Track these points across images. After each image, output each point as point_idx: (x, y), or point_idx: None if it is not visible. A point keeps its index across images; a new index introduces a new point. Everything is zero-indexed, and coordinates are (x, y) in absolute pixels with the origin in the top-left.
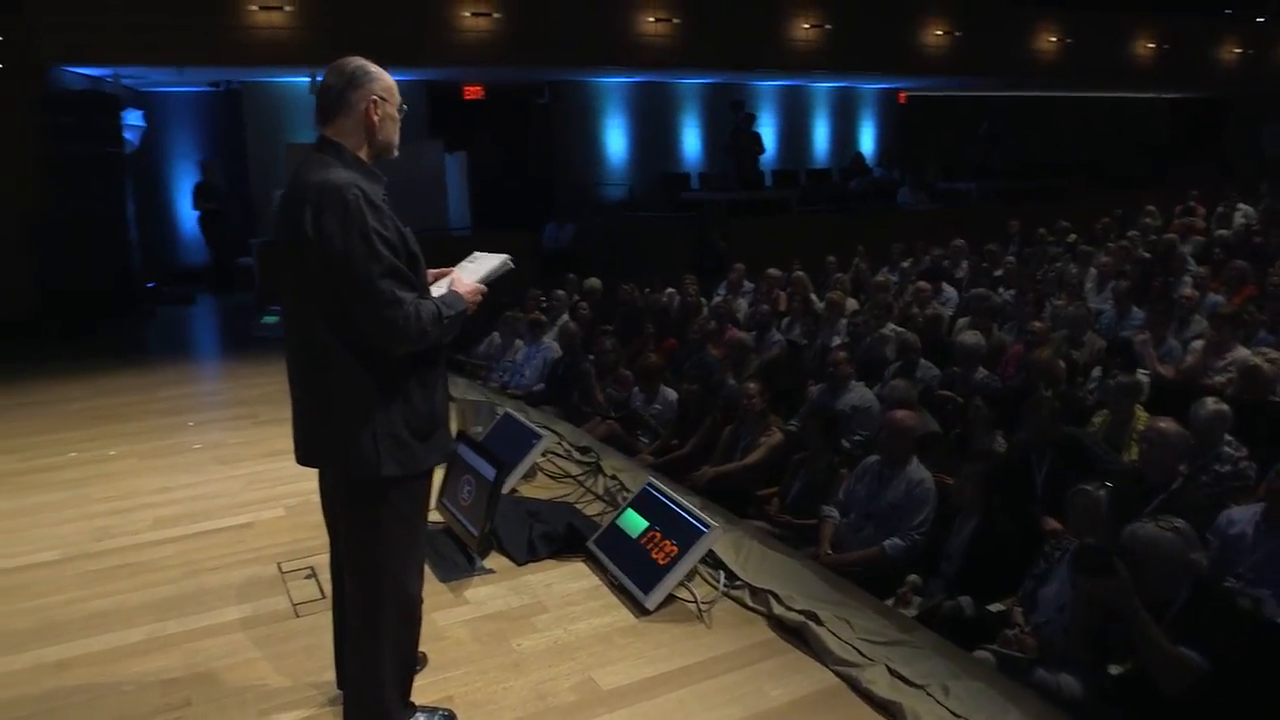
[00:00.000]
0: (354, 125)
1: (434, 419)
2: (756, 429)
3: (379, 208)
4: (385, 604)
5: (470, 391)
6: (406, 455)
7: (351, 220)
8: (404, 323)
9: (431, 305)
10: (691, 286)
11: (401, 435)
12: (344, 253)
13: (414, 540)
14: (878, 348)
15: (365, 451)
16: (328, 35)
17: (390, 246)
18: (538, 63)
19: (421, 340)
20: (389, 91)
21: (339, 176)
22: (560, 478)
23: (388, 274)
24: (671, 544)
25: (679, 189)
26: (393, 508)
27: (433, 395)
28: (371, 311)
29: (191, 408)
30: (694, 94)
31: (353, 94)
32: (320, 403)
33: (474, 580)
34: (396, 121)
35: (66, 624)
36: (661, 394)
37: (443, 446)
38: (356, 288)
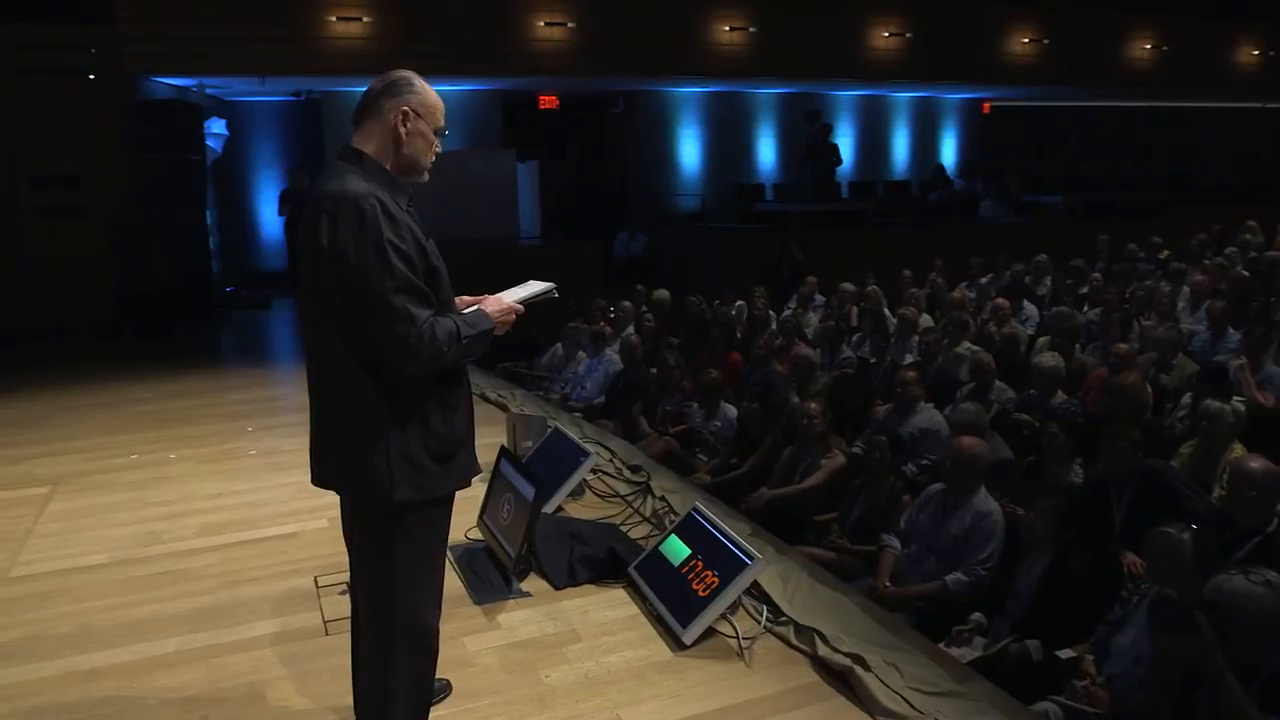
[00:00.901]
0: (381, 133)
1: (454, 441)
2: (817, 451)
3: (396, 219)
4: (398, 635)
5: (527, 404)
6: (423, 479)
7: (366, 231)
8: (417, 341)
9: (450, 323)
10: (760, 300)
11: (418, 458)
12: (357, 265)
13: (431, 569)
14: (951, 368)
15: (378, 474)
16: (403, 45)
17: (406, 260)
18: (611, 72)
19: (437, 360)
20: (427, 109)
21: (356, 186)
22: (608, 497)
23: (402, 289)
24: (713, 575)
25: (753, 200)
26: (408, 534)
27: (453, 416)
28: (384, 328)
29: (254, 412)
30: (769, 104)
31: (387, 100)
32: (333, 422)
33: (509, 604)
34: (430, 143)
35: (102, 631)
36: (722, 411)
37: (464, 470)
38: (369, 303)
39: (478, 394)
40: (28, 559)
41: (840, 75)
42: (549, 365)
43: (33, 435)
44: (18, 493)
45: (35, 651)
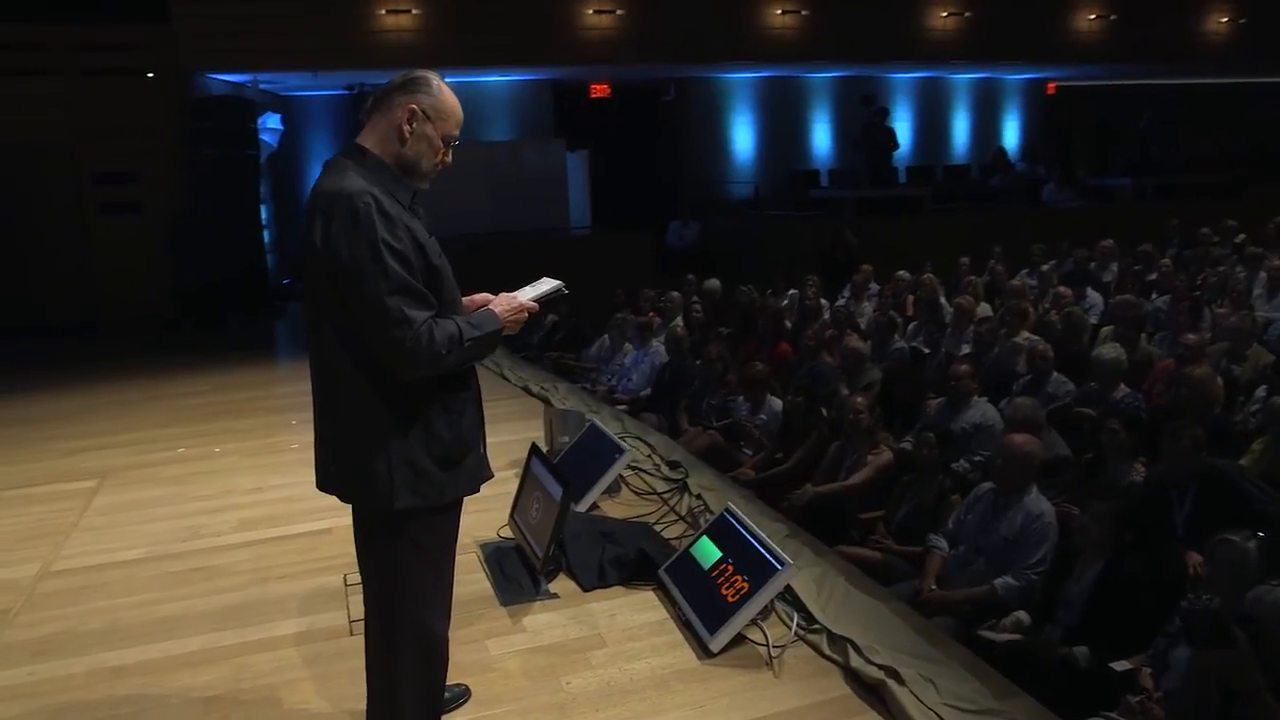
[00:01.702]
0: (386, 128)
1: (461, 445)
2: (864, 446)
3: (391, 217)
4: (404, 643)
5: (570, 397)
6: (426, 486)
7: (360, 231)
8: (413, 344)
9: (452, 325)
10: (811, 289)
11: (420, 463)
12: (350, 266)
13: (437, 576)
14: (1007, 359)
15: (379, 481)
16: (453, 37)
17: (402, 260)
18: (662, 59)
19: (435, 364)
20: (437, 113)
21: (352, 183)
22: (645, 494)
23: (397, 290)
24: (743, 579)
25: (807, 186)
26: (412, 542)
27: (459, 420)
28: (378, 331)
29: (299, 406)
30: (824, 88)
31: (399, 95)
32: (334, 426)
33: (535, 606)
34: (435, 148)
35: (132, 628)
36: (768, 404)
37: (473, 475)
38: (363, 305)
39: (521, 386)
40: (70, 553)
41: (897, 57)
42: (596, 357)
43: (86, 428)
44: (67, 485)
45: (66, 647)
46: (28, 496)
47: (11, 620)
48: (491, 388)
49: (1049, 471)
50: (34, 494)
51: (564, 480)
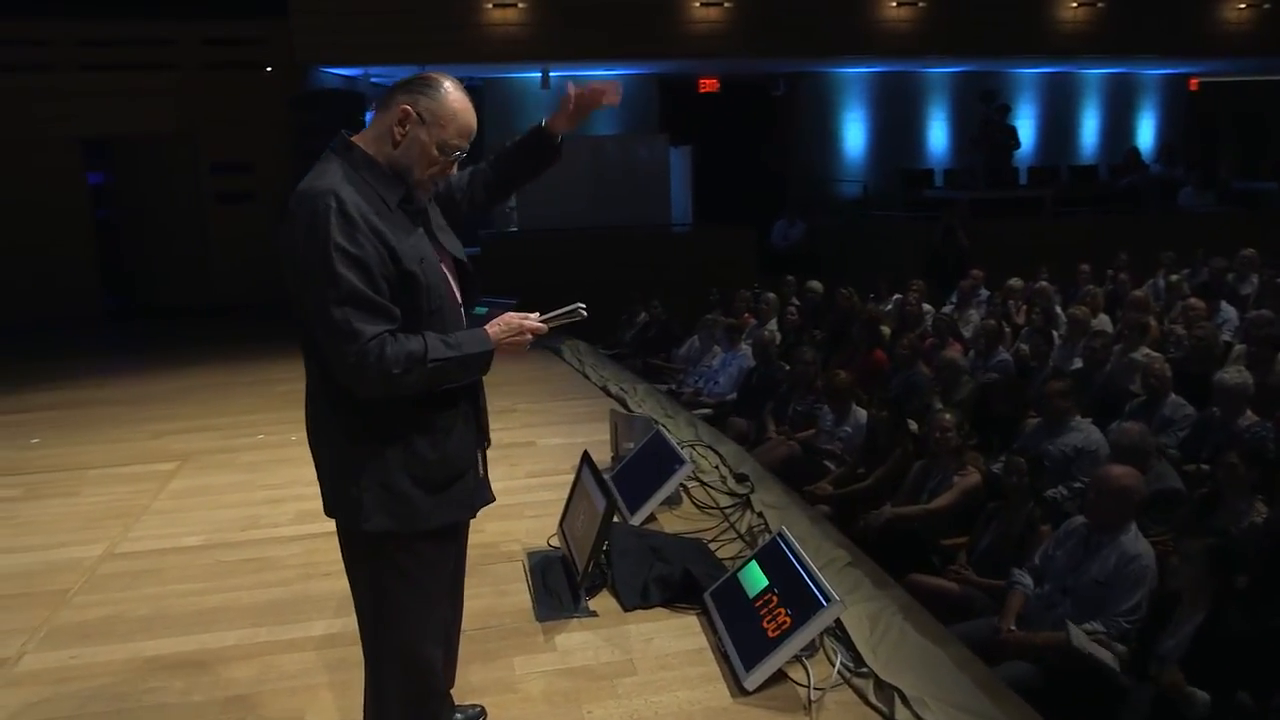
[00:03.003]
0: (381, 126)
1: (447, 468)
2: (950, 467)
3: (353, 220)
4: (389, 669)
5: (647, 400)
6: (404, 510)
7: (315, 234)
8: (357, 360)
9: (415, 343)
10: (915, 293)
11: (398, 486)
12: (305, 271)
13: (423, 604)
14: (1122, 377)
15: (349, 501)
16: (560, 31)
17: (357, 267)
18: (772, 53)
19: (389, 385)
20: (435, 118)
21: (322, 182)
22: (707, 508)
23: (346, 301)
24: (786, 613)
25: (920, 186)
26: (395, 567)
27: (444, 440)
28: (326, 343)
29: None
30: (941, 84)
31: (400, 94)
32: (315, 442)
33: (571, 623)
34: (428, 156)
35: (176, 617)
36: (852, 415)
37: (464, 501)
38: (314, 313)
39: (601, 386)
40: (136, 535)
41: (1022, 51)
42: (685, 358)
43: (179, 410)
44: (149, 467)
45: (111, 633)
46: (112, 476)
47: (68, 600)
48: (570, 386)
49: (1157, 506)
50: (118, 474)
51: (608, 493)
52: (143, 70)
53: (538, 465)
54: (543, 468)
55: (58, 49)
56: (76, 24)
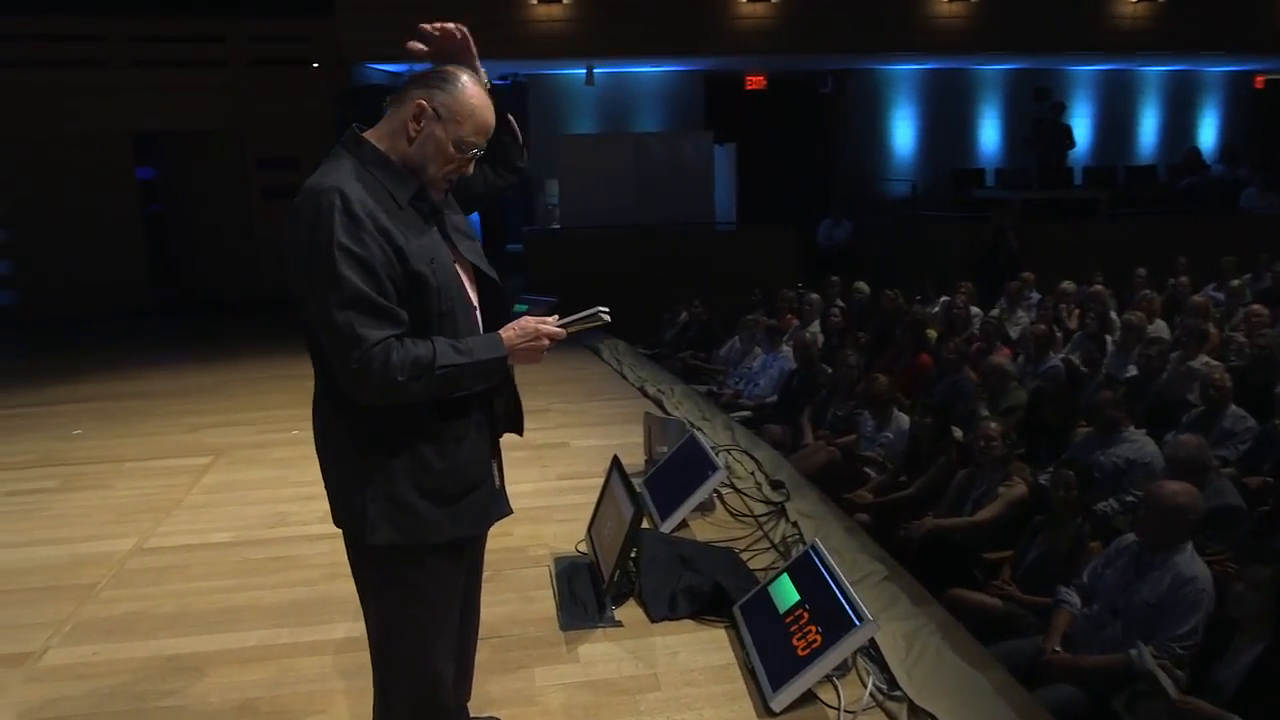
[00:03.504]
0: (397, 122)
1: (459, 479)
2: (994, 477)
3: (358, 218)
4: (394, 682)
5: (685, 401)
6: (411, 522)
7: (318, 232)
8: (360, 366)
9: (423, 348)
10: (963, 296)
11: (405, 498)
12: (305, 272)
13: (435, 618)
14: (1179, 386)
15: (354, 511)
16: (605, 27)
17: (362, 268)
18: (819, 50)
19: (392, 392)
20: (450, 113)
21: (329, 179)
22: (740, 516)
23: (349, 303)
24: (816, 631)
25: (970, 186)
26: (402, 580)
27: (455, 450)
28: (329, 347)
29: None
30: (994, 81)
31: (414, 89)
32: (321, 449)
33: (595, 633)
34: (444, 154)
35: (199, 615)
36: (895, 421)
37: (477, 514)
38: (316, 316)
39: (638, 387)
40: (166, 530)
41: (1078, 48)
42: (726, 359)
43: (219, 404)
44: (184, 461)
45: (134, 629)
46: (146, 469)
47: (95, 595)
48: (607, 386)
49: (1215, 524)
50: (152, 467)
51: (636, 500)
52: (192, 66)
53: (570, 467)
54: (574, 470)
55: (110, 45)
56: (129, 20)
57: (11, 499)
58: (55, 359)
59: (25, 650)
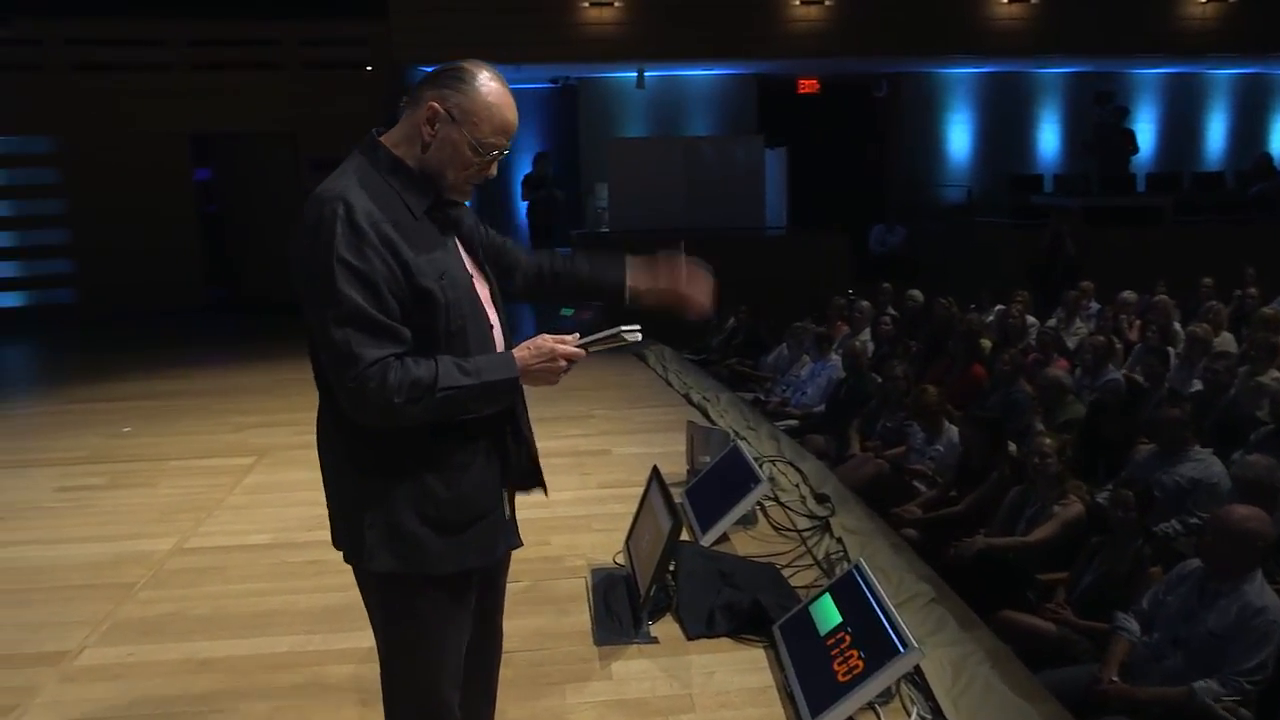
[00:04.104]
0: (409, 125)
1: (464, 508)
2: (1050, 495)
3: (362, 230)
4: (400, 705)
5: (729, 410)
6: (413, 552)
7: (318, 243)
8: (356, 386)
9: (425, 368)
10: (1019, 305)
11: (406, 525)
12: (305, 285)
13: (437, 648)
14: (1246, 402)
15: (353, 535)
16: (656, 30)
17: (362, 283)
18: (874, 53)
19: (389, 415)
20: (465, 114)
21: (336, 185)
22: (783, 530)
23: (347, 321)
24: (859, 656)
25: (1027, 192)
26: (406, 608)
27: (460, 478)
28: (327, 364)
29: None
30: (1054, 85)
31: (427, 90)
32: (321, 464)
33: (630, 649)
34: (462, 158)
35: (233, 618)
36: (946, 434)
37: (484, 546)
38: (317, 332)
39: (683, 394)
40: (206, 530)
41: (1143, 50)
42: (773, 366)
43: (265, 404)
44: (227, 461)
45: (169, 631)
46: (190, 468)
47: (134, 595)
48: (651, 393)
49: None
50: (197, 466)
51: (674, 512)
52: (248, 69)
53: (611, 475)
54: (615, 478)
55: (170, 49)
56: (187, 24)
57: (61, 495)
58: (111, 357)
59: (63, 649)
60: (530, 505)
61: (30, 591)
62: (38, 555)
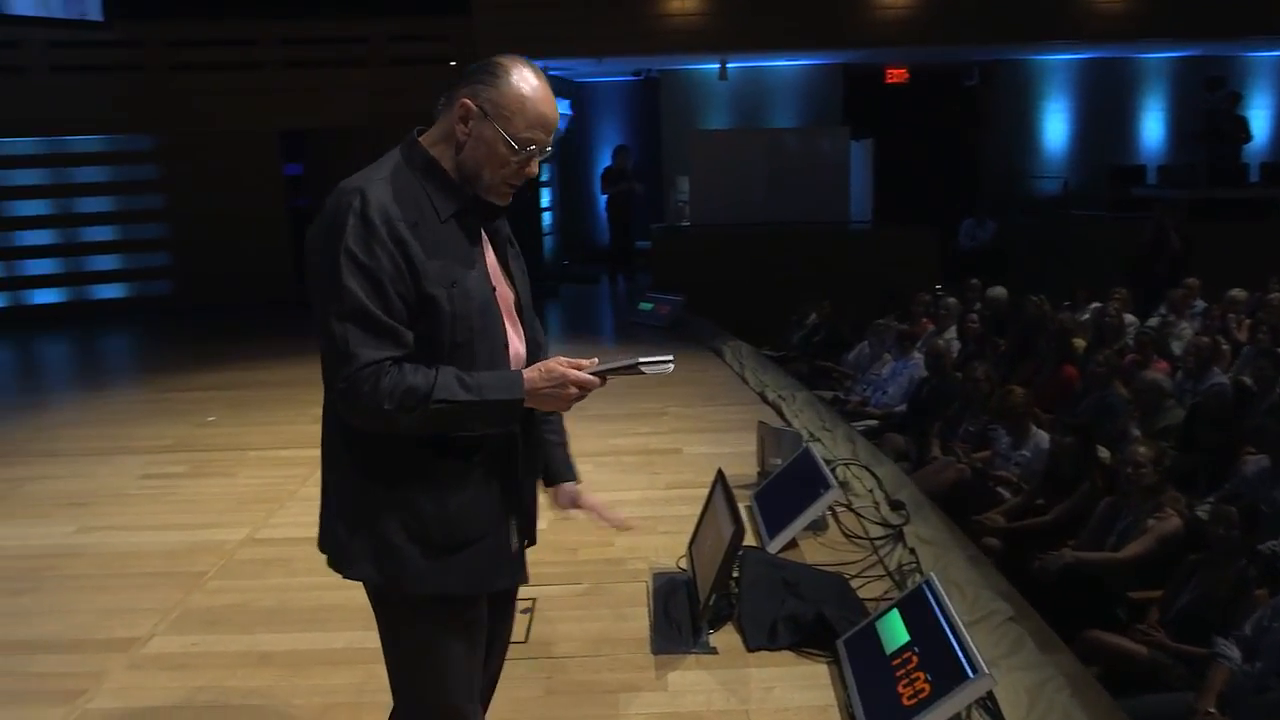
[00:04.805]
0: (444, 125)
1: (451, 529)
2: (1144, 508)
3: (374, 226)
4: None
5: (805, 409)
6: (398, 568)
7: (330, 235)
8: (347, 386)
9: (422, 377)
10: (1117, 303)
11: (391, 539)
12: (312, 276)
13: (439, 661)
14: None
15: (336, 539)
16: (741, 20)
17: (368, 281)
18: (965, 41)
19: (377, 420)
20: (498, 110)
21: (359, 179)
22: (855, 538)
23: (348, 316)
24: (925, 679)
25: (1129, 184)
26: (399, 621)
27: (448, 497)
28: (325, 358)
29: None
30: (1158, 71)
31: (461, 87)
32: (322, 469)
33: (688, 659)
34: (498, 156)
35: (295, 612)
36: (1033, 438)
37: (472, 574)
38: (319, 325)
39: (758, 392)
40: (277, 522)
41: (1258, 32)
42: (854, 364)
43: None
44: (304, 452)
45: (233, 622)
46: (268, 459)
47: (203, 584)
48: (726, 390)
49: None
50: (274, 457)
51: (736, 518)
52: (335, 66)
53: (679, 475)
54: (684, 479)
55: (261, 48)
56: (279, 24)
57: (144, 482)
58: (201, 347)
59: (133, 635)
60: None
61: (108, 577)
62: (119, 541)
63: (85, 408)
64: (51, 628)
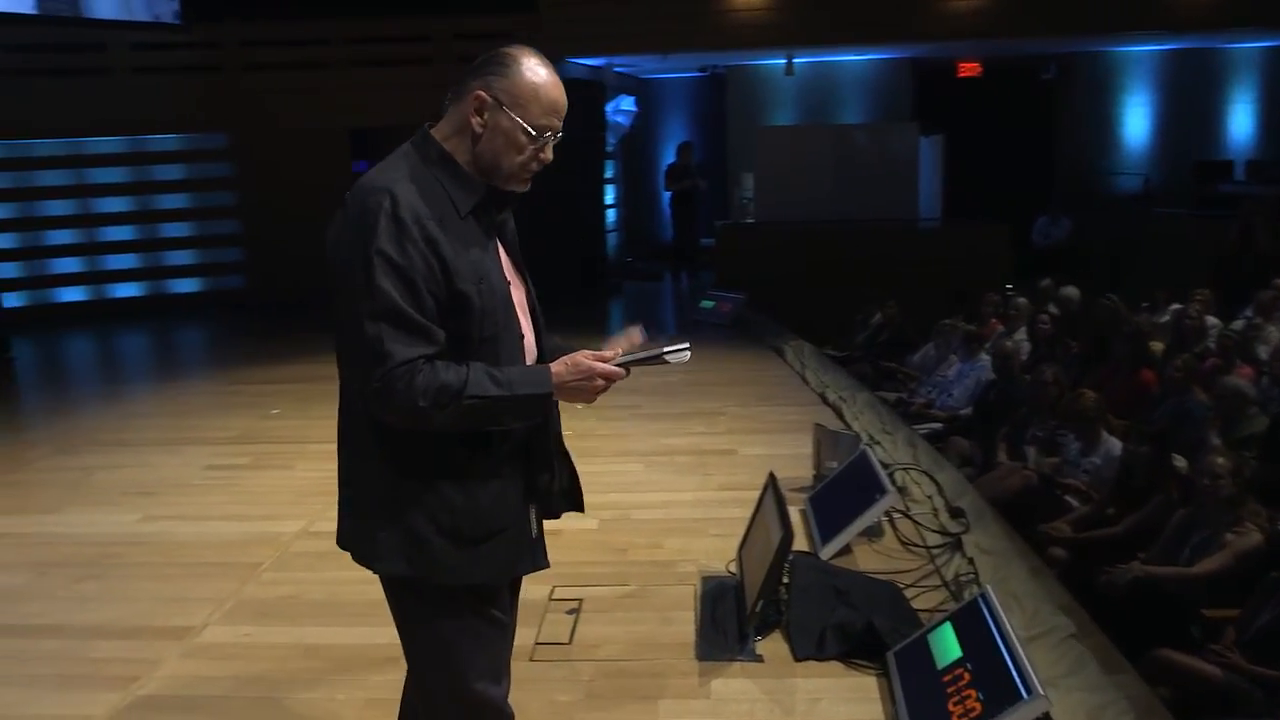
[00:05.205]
0: (457, 118)
1: (479, 521)
2: (1221, 521)
3: (405, 225)
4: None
5: (866, 411)
6: (424, 558)
7: (361, 235)
8: (381, 385)
9: (455, 374)
10: (1198, 304)
11: (420, 532)
12: (341, 275)
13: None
14: None
15: (363, 534)
16: (808, 15)
17: (401, 280)
18: (1042, 33)
19: (411, 416)
20: (513, 99)
21: (383, 177)
22: (911, 545)
23: (381, 316)
24: (976, 698)
25: (1214, 180)
26: (424, 614)
27: (479, 489)
28: (357, 358)
29: None
30: (1248, 61)
31: (472, 79)
32: (338, 455)
33: (732, 667)
34: (516, 144)
35: (345, 606)
36: (1104, 445)
37: (500, 562)
38: (346, 324)
39: (819, 393)
40: (332, 515)
41: None
42: (920, 365)
43: None
44: None
45: (284, 614)
46: (328, 452)
47: (257, 576)
48: (785, 390)
49: None
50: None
51: (786, 523)
52: (402, 65)
53: (733, 477)
54: (738, 480)
55: (331, 48)
56: (346, 24)
57: (209, 473)
58: (272, 341)
59: (188, 624)
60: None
61: (168, 566)
62: (181, 531)
63: (157, 399)
64: (111, 614)
